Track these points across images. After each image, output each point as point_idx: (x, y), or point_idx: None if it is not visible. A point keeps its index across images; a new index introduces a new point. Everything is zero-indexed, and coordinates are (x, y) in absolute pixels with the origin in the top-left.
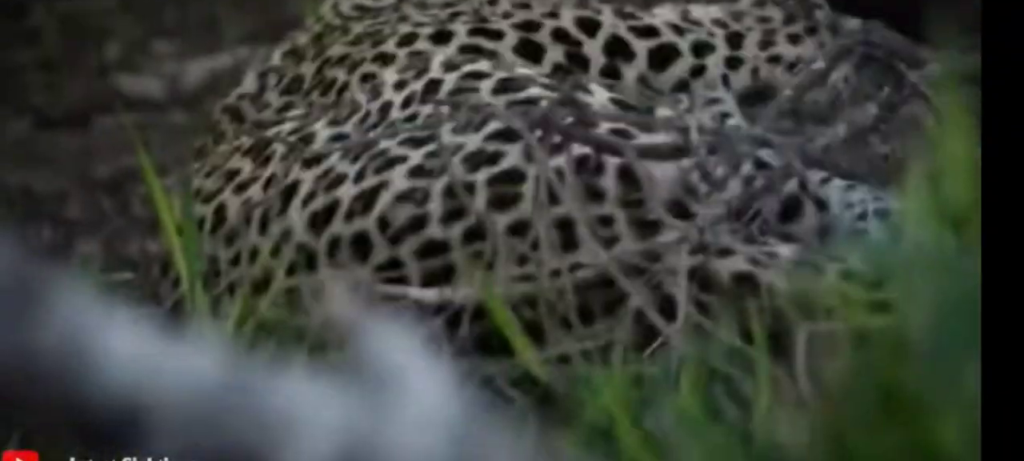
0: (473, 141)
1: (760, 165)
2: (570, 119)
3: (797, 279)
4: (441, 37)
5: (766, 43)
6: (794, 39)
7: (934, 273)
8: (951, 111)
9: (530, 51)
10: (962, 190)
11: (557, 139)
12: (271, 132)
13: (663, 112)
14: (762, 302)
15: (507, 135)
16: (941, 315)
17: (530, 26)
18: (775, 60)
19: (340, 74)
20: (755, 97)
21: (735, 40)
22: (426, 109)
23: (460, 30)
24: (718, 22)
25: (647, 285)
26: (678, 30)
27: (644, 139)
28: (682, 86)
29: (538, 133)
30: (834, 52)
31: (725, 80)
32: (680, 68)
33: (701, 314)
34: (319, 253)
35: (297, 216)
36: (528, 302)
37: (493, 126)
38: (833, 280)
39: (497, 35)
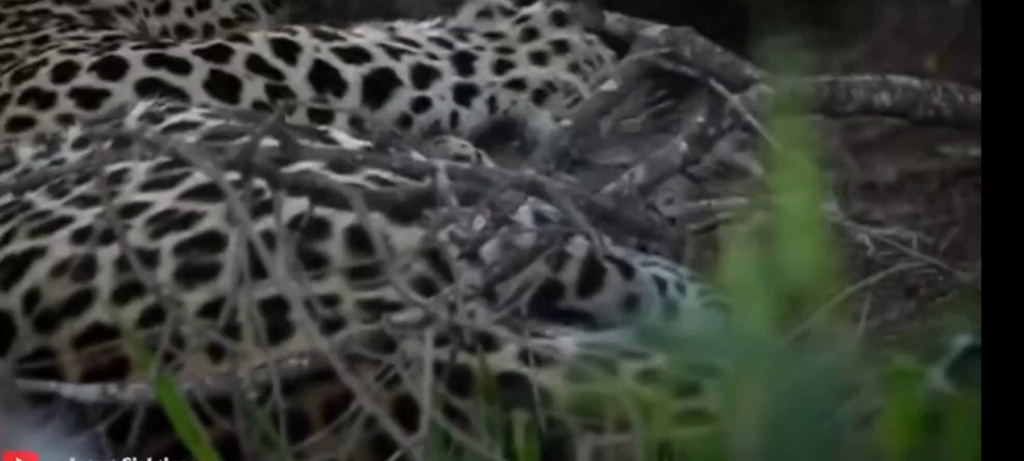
0: (162, 199)
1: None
2: (277, 158)
3: (581, 380)
4: (112, 68)
5: (503, 65)
6: (539, 58)
7: (768, 373)
8: (787, 149)
9: (223, 86)
10: (805, 256)
11: (262, 186)
12: None
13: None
14: (534, 409)
15: (208, 192)
16: (776, 429)
17: (219, 53)
18: (517, 85)
19: None
20: (497, 134)
21: (464, 64)
22: (78, 151)
23: (134, 58)
24: (439, 41)
25: (380, 382)
26: (392, 52)
27: (374, 184)
28: (404, 123)
29: (235, 177)
30: (630, 69)
31: (454, 118)
32: (400, 101)
33: (451, 423)
34: None
35: None
36: (221, 405)
37: (189, 183)
38: (629, 382)
39: (182, 66)
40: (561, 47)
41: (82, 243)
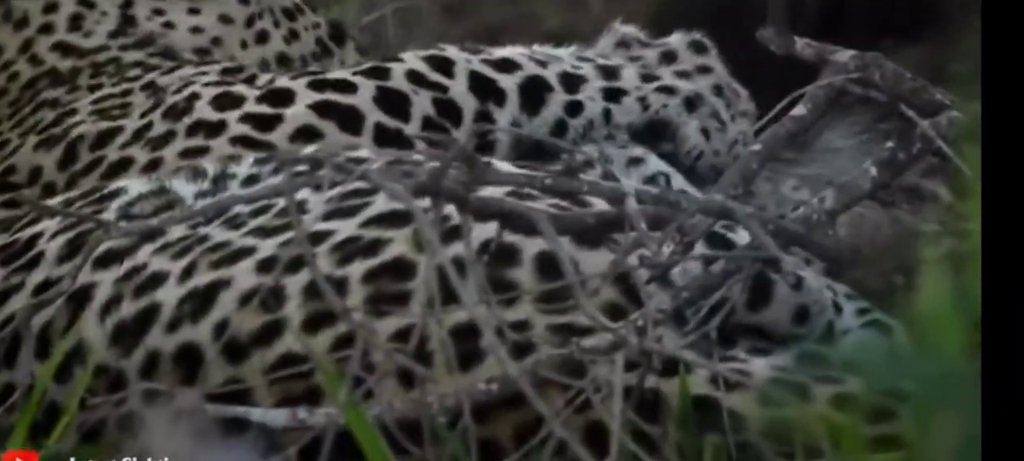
0: (344, 227)
1: (719, 243)
2: (466, 182)
3: (773, 404)
4: (280, 96)
5: (647, 77)
6: (683, 76)
7: (961, 400)
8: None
9: (393, 102)
10: None
11: (450, 211)
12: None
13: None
14: (725, 434)
15: (391, 219)
16: (969, 456)
17: (378, 72)
18: (667, 91)
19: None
20: (649, 133)
21: (609, 71)
22: (266, 170)
23: (297, 86)
24: (580, 58)
25: (570, 408)
26: (538, 62)
27: (561, 209)
28: (560, 128)
29: (426, 204)
30: (820, 94)
31: (607, 115)
32: (555, 106)
33: (641, 449)
34: (129, 375)
35: (95, 329)
36: (412, 430)
37: (369, 212)
38: (823, 407)
39: (347, 86)
40: (703, 70)
41: (267, 273)
